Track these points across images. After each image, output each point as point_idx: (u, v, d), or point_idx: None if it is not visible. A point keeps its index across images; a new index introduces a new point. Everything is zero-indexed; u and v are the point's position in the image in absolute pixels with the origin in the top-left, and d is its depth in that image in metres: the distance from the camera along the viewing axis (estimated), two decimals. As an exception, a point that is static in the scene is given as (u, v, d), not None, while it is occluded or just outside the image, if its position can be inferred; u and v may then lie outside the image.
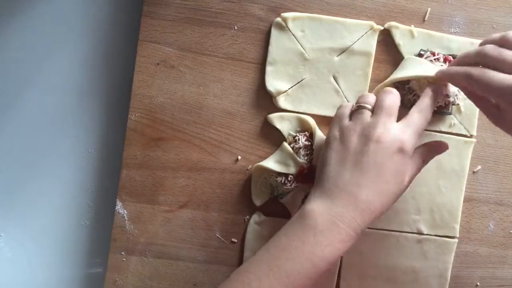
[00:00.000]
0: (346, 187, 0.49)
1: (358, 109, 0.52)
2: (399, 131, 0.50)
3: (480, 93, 0.50)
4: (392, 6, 0.61)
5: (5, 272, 0.65)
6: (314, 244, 0.48)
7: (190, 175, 0.61)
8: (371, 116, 0.51)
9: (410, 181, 0.51)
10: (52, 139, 0.64)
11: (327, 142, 0.53)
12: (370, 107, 0.52)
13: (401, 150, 0.49)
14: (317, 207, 0.49)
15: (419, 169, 0.52)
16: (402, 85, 0.59)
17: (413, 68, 0.57)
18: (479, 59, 0.49)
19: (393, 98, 0.52)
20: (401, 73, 0.57)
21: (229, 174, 0.61)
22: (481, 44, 0.51)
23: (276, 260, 0.48)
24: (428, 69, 0.55)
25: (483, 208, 0.62)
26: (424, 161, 0.53)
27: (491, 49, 0.48)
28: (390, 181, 0.49)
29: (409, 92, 0.59)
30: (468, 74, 0.49)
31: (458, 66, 0.52)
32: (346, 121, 0.53)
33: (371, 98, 0.53)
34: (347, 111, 0.54)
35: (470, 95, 0.53)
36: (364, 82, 0.60)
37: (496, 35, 0.50)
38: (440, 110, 0.59)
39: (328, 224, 0.48)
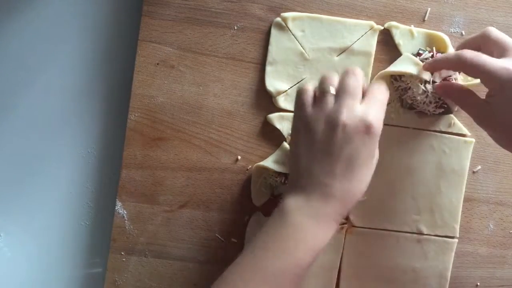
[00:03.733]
0: (320, 179, 0.48)
1: (320, 95, 0.50)
2: (363, 112, 0.48)
3: (471, 75, 0.50)
4: (392, 6, 0.61)
5: (5, 272, 0.65)
6: (296, 240, 0.47)
7: (190, 175, 0.61)
8: (334, 101, 0.49)
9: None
10: (52, 139, 0.64)
11: (293, 135, 0.52)
12: (333, 91, 0.50)
13: (369, 130, 0.48)
14: (295, 203, 0.48)
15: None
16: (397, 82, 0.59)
17: (401, 64, 0.57)
18: (479, 40, 0.51)
19: (355, 79, 0.50)
20: (394, 67, 0.57)
21: (229, 174, 0.61)
22: (458, 47, 0.53)
23: (261, 261, 0.47)
24: (413, 66, 0.55)
25: (483, 208, 0.62)
26: None
27: (487, 30, 0.50)
28: (363, 165, 0.48)
29: (403, 90, 0.59)
30: (460, 57, 0.49)
31: (436, 68, 0.53)
32: (309, 110, 0.50)
33: (334, 80, 0.50)
34: (309, 98, 0.51)
35: (459, 95, 0.53)
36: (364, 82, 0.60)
37: (476, 35, 0.52)
38: (440, 110, 0.59)
39: (307, 219, 0.47)
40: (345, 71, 0.51)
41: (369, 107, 0.49)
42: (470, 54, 0.49)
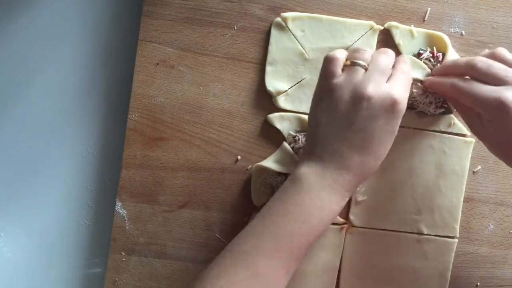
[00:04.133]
0: (338, 149, 0.48)
1: (352, 65, 0.50)
2: (390, 89, 0.48)
3: (465, 103, 0.51)
4: (392, 6, 0.61)
5: (5, 272, 0.65)
6: (311, 206, 0.47)
7: (190, 175, 0.61)
8: (363, 74, 0.49)
9: None
10: (52, 139, 0.64)
11: (314, 103, 0.51)
12: (365, 64, 0.50)
13: (393, 107, 0.48)
14: (310, 171, 0.48)
15: None
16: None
17: None
18: (468, 70, 0.51)
19: (388, 59, 0.50)
20: None
21: (229, 174, 0.61)
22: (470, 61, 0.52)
23: (275, 227, 0.47)
24: (418, 71, 0.57)
25: (483, 208, 0.62)
26: None
27: (480, 61, 0.49)
28: (382, 140, 0.48)
29: None
30: (454, 85, 0.50)
31: (446, 73, 0.54)
32: (336, 78, 0.50)
33: (367, 55, 0.50)
34: (337, 67, 0.50)
35: (456, 105, 0.55)
36: (364, 82, 0.60)
37: (486, 52, 0.52)
38: (440, 110, 0.59)
39: (322, 187, 0.48)
40: (378, 50, 0.51)
41: (396, 84, 0.49)
42: (464, 82, 0.50)
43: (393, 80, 0.49)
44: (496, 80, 0.48)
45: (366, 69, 0.50)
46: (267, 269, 0.46)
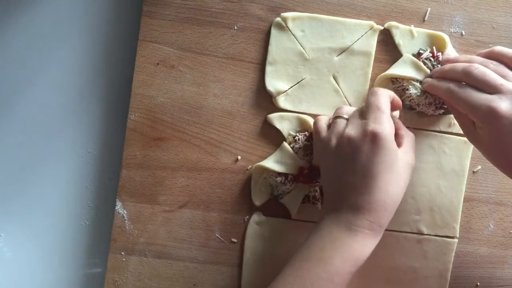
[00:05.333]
0: (345, 195, 0.50)
1: (335, 119, 0.54)
2: (365, 123, 0.50)
3: (459, 109, 0.52)
4: (392, 6, 0.61)
5: (5, 272, 0.65)
6: (332, 249, 0.49)
7: (190, 175, 0.61)
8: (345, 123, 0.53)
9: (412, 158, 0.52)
10: (52, 139, 0.64)
11: (316, 156, 0.57)
12: (346, 116, 0.53)
13: (373, 139, 0.49)
14: (329, 218, 0.51)
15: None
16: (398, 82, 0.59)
17: (402, 67, 0.58)
18: (464, 76, 0.52)
19: (370, 99, 0.52)
20: (393, 70, 0.58)
21: (229, 174, 0.61)
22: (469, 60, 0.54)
23: (301, 271, 0.49)
24: (415, 70, 0.58)
25: (483, 208, 0.62)
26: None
27: (475, 68, 0.51)
28: (380, 174, 0.49)
29: (402, 91, 0.59)
30: (449, 90, 0.52)
31: (444, 77, 0.55)
32: (323, 134, 0.54)
33: (347, 109, 0.55)
34: (323, 124, 0.56)
35: (452, 109, 0.55)
36: (364, 82, 0.60)
37: (483, 52, 0.54)
38: (440, 111, 0.59)
39: (341, 230, 0.49)
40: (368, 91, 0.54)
41: (369, 117, 0.51)
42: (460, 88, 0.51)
43: (367, 114, 0.51)
44: (490, 88, 0.49)
45: (347, 119, 0.53)
46: None
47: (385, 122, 0.50)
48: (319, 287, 0.48)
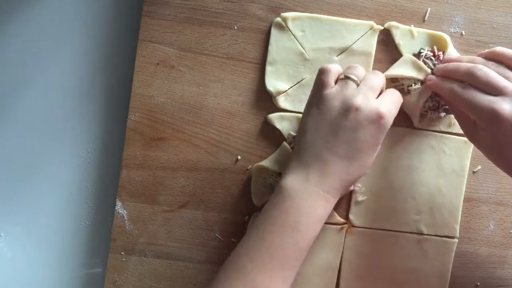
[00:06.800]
0: (322, 155, 0.50)
1: (345, 78, 0.52)
2: (378, 103, 0.50)
3: (461, 109, 0.52)
4: (392, 6, 0.61)
5: (5, 272, 0.65)
6: (297, 213, 0.49)
7: (190, 175, 0.61)
8: (355, 88, 0.51)
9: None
10: (52, 139, 0.64)
11: (307, 109, 0.53)
12: (357, 80, 0.52)
13: (379, 120, 0.50)
14: (294, 179, 0.50)
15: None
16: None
17: (402, 67, 0.58)
18: (467, 77, 0.52)
19: (377, 78, 0.52)
20: (393, 70, 0.58)
21: (229, 174, 0.61)
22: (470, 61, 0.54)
23: (267, 237, 0.49)
24: (416, 71, 0.57)
25: (483, 208, 0.62)
26: None
27: (479, 70, 0.51)
28: (366, 151, 0.50)
29: (402, 91, 0.59)
30: (453, 90, 0.52)
31: (448, 76, 0.55)
32: (328, 89, 0.52)
33: (360, 71, 0.53)
34: (331, 80, 0.52)
35: (453, 110, 0.56)
36: (364, 82, 0.60)
37: (484, 52, 0.54)
38: (440, 109, 0.59)
39: (307, 194, 0.49)
40: (371, 71, 0.54)
41: (384, 101, 0.51)
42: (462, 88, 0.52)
43: (382, 97, 0.52)
44: (493, 90, 0.49)
45: (358, 85, 0.52)
46: (264, 280, 0.48)
47: (394, 111, 0.51)
48: (286, 252, 0.48)
